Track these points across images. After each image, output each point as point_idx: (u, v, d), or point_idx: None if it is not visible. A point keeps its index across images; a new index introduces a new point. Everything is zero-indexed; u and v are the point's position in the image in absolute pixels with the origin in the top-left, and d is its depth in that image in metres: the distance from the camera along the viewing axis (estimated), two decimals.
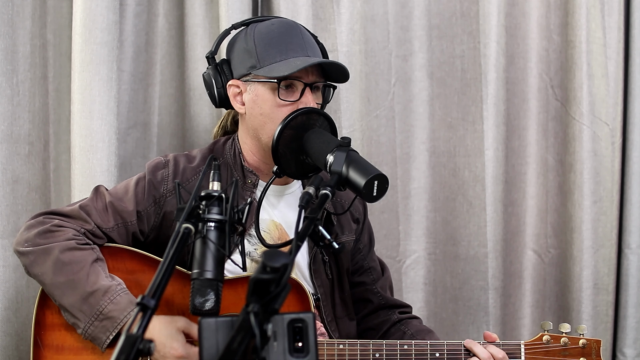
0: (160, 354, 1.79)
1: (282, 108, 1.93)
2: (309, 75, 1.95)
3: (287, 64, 1.92)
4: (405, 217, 2.78)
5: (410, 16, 2.74)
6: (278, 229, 2.07)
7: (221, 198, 1.46)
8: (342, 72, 1.99)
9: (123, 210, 1.99)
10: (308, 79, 1.95)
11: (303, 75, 1.94)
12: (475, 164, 2.76)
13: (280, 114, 1.91)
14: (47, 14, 2.47)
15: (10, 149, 2.40)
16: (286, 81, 1.93)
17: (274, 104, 1.95)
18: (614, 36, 2.77)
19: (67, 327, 1.91)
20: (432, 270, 2.81)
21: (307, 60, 1.93)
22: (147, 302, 1.24)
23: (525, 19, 2.77)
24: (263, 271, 1.16)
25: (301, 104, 1.92)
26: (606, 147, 2.76)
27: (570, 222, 2.80)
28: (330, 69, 1.99)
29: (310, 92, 1.94)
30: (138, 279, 1.93)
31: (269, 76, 1.93)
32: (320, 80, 1.99)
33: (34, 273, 1.91)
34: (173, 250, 1.34)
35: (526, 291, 2.84)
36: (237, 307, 1.82)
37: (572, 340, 2.01)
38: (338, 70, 1.98)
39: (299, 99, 1.93)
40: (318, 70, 1.98)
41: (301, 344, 1.30)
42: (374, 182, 1.60)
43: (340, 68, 1.98)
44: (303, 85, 1.94)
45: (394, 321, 2.20)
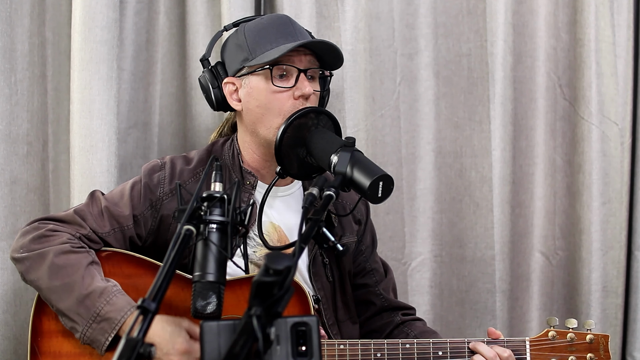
0: (163, 351, 1.78)
1: (277, 95, 1.94)
2: (302, 60, 1.95)
3: (278, 49, 1.93)
4: (410, 218, 2.77)
5: (415, 14, 2.74)
6: (277, 231, 2.06)
7: (223, 199, 1.45)
8: (336, 55, 1.99)
9: (119, 214, 1.99)
10: (302, 64, 1.95)
11: (296, 61, 1.95)
12: (482, 165, 2.76)
13: (276, 102, 1.93)
14: (46, 12, 2.46)
15: (8, 149, 2.39)
16: (280, 68, 1.94)
17: (269, 92, 1.95)
18: (623, 34, 2.76)
19: (65, 334, 1.90)
20: (438, 273, 2.80)
21: (297, 42, 1.93)
22: (147, 305, 1.23)
23: (532, 17, 2.77)
24: (266, 274, 1.16)
25: (297, 89, 1.94)
26: (615, 147, 2.76)
27: (578, 223, 2.80)
28: (325, 56, 1.99)
29: (305, 78, 1.95)
30: (135, 283, 1.92)
31: (261, 63, 1.93)
32: (315, 66, 1.99)
33: (30, 279, 1.92)
34: (174, 253, 1.33)
35: (534, 294, 2.83)
36: (236, 309, 1.82)
37: (579, 336, 2.00)
38: (331, 53, 1.98)
39: (294, 85, 1.94)
40: (312, 57, 1.98)
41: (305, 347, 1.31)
42: (379, 183, 1.59)
43: (332, 49, 1.98)
44: (297, 71, 1.94)
45: (397, 323, 2.19)
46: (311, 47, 1.98)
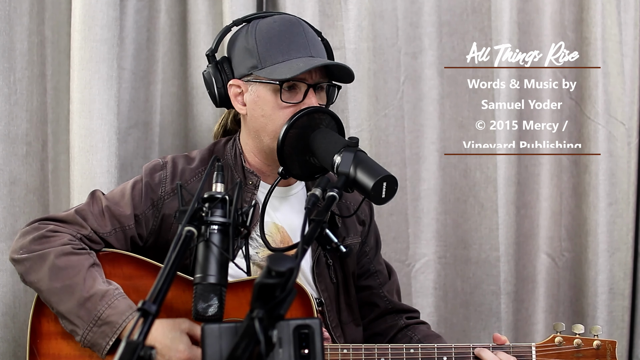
0: (165, 358, 1.77)
1: (284, 110, 1.92)
2: (313, 76, 1.94)
3: (290, 65, 1.90)
4: (414, 219, 2.76)
5: (419, 12, 2.73)
6: (280, 232, 2.05)
7: (225, 200, 1.44)
8: (347, 73, 1.97)
9: (120, 214, 1.98)
10: (311, 79, 1.93)
11: (306, 77, 1.92)
12: (487, 165, 2.75)
13: (282, 115, 1.90)
14: (46, 10, 2.46)
15: (7, 150, 2.39)
16: (289, 82, 1.91)
17: (275, 106, 1.93)
18: (630, 33, 2.75)
19: (64, 336, 1.89)
20: (443, 275, 2.78)
21: (310, 62, 1.91)
22: (148, 307, 1.22)
23: (538, 15, 2.75)
24: (268, 275, 1.16)
25: (304, 105, 1.90)
26: (622, 147, 2.75)
27: (585, 224, 2.78)
28: (334, 69, 1.97)
29: (313, 94, 1.93)
30: (136, 285, 1.91)
31: (270, 78, 1.91)
32: (324, 81, 1.97)
33: (30, 280, 1.90)
34: (175, 254, 1.32)
35: (539, 296, 2.82)
36: (237, 311, 1.81)
37: (585, 342, 1.97)
38: (343, 70, 1.97)
39: (302, 100, 1.92)
40: (322, 70, 1.96)
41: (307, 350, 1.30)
42: (383, 184, 1.58)
43: (345, 69, 1.96)
44: (306, 86, 1.92)
45: (401, 326, 2.18)
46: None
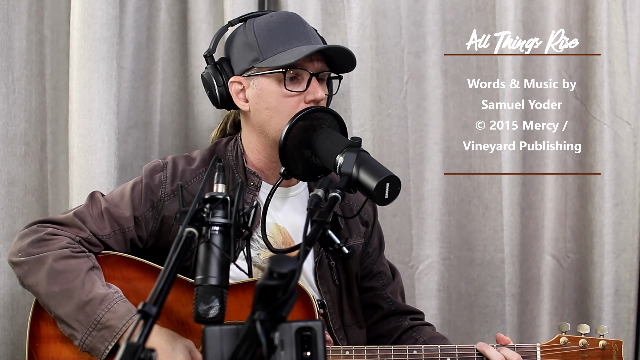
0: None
1: (288, 99, 1.92)
2: (315, 63, 1.94)
3: (292, 53, 1.91)
4: (418, 220, 2.75)
5: (423, 11, 2.72)
6: (282, 233, 2.05)
7: (226, 201, 1.43)
8: (349, 59, 1.97)
9: (119, 216, 1.97)
10: (314, 67, 1.94)
11: (308, 65, 1.93)
12: (491, 165, 2.74)
13: (287, 106, 1.91)
14: (44, 9, 2.45)
15: (6, 150, 2.39)
16: (291, 72, 1.92)
17: (280, 96, 1.93)
18: (636, 32, 2.75)
19: (63, 339, 1.89)
20: (447, 276, 2.78)
21: (313, 47, 1.92)
22: (148, 309, 1.21)
23: (543, 14, 2.74)
24: (270, 277, 1.14)
25: (309, 94, 1.92)
26: (628, 147, 2.74)
27: (590, 225, 2.77)
28: (336, 58, 1.98)
29: (317, 82, 1.93)
30: (136, 287, 1.91)
31: (273, 66, 1.91)
32: (326, 70, 1.97)
33: (28, 284, 1.90)
34: (175, 256, 1.31)
35: (544, 298, 2.81)
36: (238, 313, 1.81)
37: (591, 342, 1.97)
38: (344, 57, 1.97)
39: (305, 89, 1.92)
40: (323, 60, 1.96)
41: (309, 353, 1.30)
42: (386, 184, 1.58)
43: (346, 54, 1.96)
44: (309, 75, 1.92)
45: (406, 328, 2.17)
46: (324, 51, 1.96)
